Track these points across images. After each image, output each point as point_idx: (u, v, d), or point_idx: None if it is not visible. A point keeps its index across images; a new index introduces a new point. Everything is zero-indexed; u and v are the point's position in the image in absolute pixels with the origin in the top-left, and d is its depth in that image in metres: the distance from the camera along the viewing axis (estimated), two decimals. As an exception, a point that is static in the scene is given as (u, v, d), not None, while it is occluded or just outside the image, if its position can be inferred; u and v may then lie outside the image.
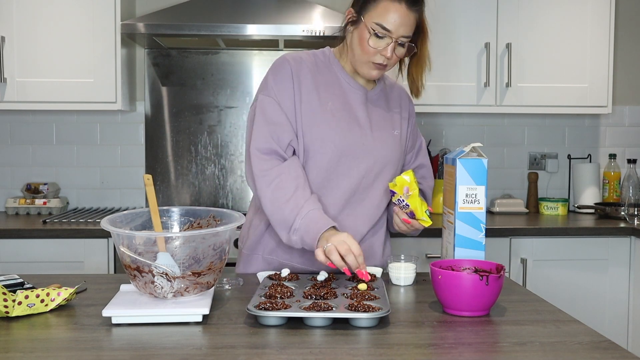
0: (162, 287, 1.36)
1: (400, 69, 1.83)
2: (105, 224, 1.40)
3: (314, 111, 1.73)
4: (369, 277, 1.54)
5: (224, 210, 1.58)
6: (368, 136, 1.77)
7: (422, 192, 1.90)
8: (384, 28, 1.67)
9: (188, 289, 1.38)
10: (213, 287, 1.50)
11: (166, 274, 1.34)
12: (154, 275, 1.35)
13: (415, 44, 1.74)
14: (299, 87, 1.73)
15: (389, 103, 1.86)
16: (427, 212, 1.69)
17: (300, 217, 1.62)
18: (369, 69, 1.74)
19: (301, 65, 1.76)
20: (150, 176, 1.47)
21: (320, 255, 1.56)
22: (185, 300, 1.38)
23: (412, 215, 1.70)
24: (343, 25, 1.78)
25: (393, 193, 1.72)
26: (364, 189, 1.79)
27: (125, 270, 1.39)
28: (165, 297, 1.37)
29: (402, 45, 1.71)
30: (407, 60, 1.79)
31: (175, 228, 1.56)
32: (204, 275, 1.39)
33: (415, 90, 1.82)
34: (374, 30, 1.68)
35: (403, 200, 1.69)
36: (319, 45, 1.97)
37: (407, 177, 1.68)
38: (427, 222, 1.69)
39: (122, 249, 1.37)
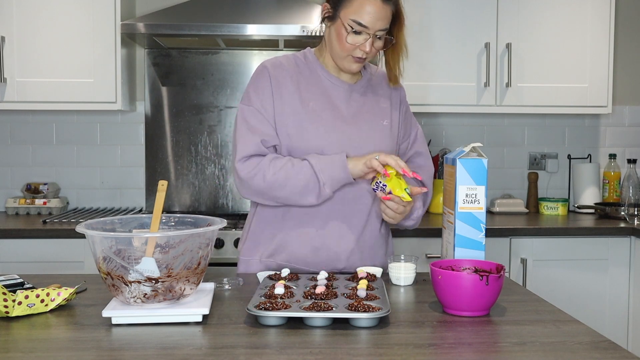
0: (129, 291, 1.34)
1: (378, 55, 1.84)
2: (81, 227, 1.37)
3: (297, 113, 1.73)
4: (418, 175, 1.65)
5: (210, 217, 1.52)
6: (354, 131, 1.77)
7: (420, 182, 1.88)
8: (360, 24, 1.67)
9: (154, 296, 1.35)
10: (213, 288, 1.50)
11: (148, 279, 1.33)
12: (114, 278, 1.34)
13: (392, 33, 1.74)
14: (279, 92, 1.74)
15: (376, 93, 1.85)
16: (407, 190, 1.65)
17: (318, 171, 1.65)
18: (349, 62, 1.74)
19: (280, 70, 1.77)
20: (165, 182, 1.48)
21: (374, 162, 1.62)
22: (185, 301, 1.38)
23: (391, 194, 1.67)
24: (320, 20, 1.78)
25: (372, 178, 1.70)
26: (358, 185, 1.78)
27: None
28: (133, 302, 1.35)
29: (380, 37, 1.72)
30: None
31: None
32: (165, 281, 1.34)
33: (393, 78, 1.82)
34: (351, 27, 1.67)
35: (380, 182, 1.67)
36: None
37: None
38: (406, 198, 1.65)
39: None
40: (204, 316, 1.34)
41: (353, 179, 1.69)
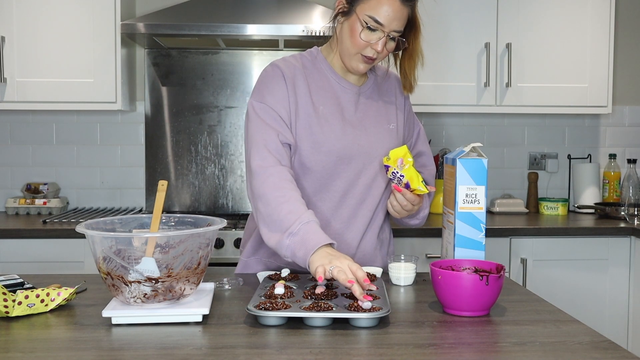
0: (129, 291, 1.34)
1: (395, 63, 1.81)
2: (81, 227, 1.37)
3: (309, 116, 1.70)
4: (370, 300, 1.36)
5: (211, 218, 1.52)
6: (362, 136, 1.75)
7: (423, 181, 1.88)
8: (376, 21, 1.64)
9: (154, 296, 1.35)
10: (213, 288, 1.50)
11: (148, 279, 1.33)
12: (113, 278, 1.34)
13: (406, 39, 1.71)
14: (294, 92, 1.70)
15: (382, 96, 1.84)
16: (423, 182, 1.64)
17: (300, 222, 1.51)
18: (357, 61, 1.71)
19: (293, 70, 1.73)
20: (165, 182, 1.47)
21: (320, 270, 1.40)
22: (185, 301, 1.38)
23: (407, 187, 1.65)
24: (333, 15, 1.74)
25: (387, 168, 1.67)
26: (364, 190, 1.76)
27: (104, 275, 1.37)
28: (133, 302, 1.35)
29: (392, 39, 1.69)
30: (400, 54, 1.77)
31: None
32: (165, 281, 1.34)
33: (408, 85, 1.80)
34: (366, 23, 1.65)
35: (397, 172, 1.64)
36: (319, 45, 1.96)
37: (401, 149, 1.66)
38: (423, 191, 1.63)
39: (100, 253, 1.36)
40: (204, 316, 1.34)
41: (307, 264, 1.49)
